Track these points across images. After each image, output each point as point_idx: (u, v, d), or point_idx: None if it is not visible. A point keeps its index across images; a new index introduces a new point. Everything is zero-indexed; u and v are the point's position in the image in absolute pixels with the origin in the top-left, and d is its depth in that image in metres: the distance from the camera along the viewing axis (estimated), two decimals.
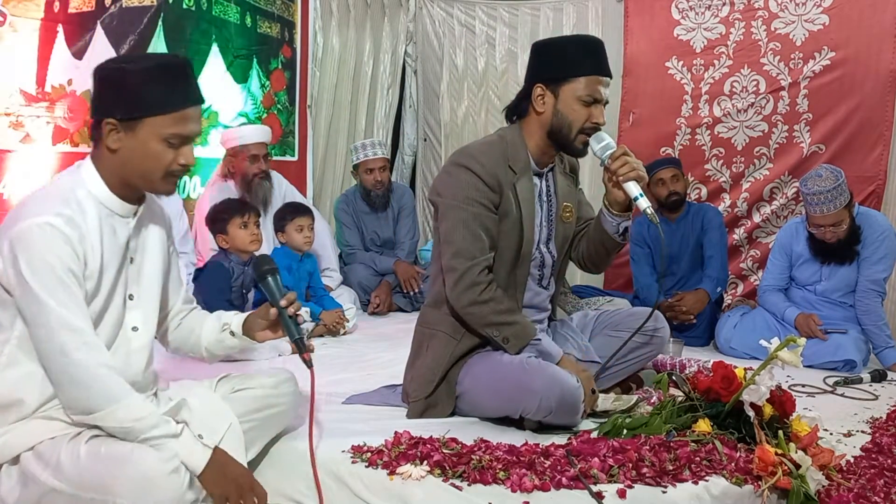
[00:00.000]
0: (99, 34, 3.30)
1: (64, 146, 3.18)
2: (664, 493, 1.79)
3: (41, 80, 3.08)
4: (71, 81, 3.18)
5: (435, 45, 5.46)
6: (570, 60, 2.26)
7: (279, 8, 4.65)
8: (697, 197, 4.59)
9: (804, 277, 3.55)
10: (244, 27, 4.34)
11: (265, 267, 1.91)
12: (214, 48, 4.10)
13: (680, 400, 2.17)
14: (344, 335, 3.67)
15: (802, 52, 4.31)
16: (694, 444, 1.97)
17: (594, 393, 2.29)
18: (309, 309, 3.56)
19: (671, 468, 1.85)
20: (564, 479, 1.80)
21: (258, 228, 3.31)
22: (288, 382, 2.03)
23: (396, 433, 2.01)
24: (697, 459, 1.90)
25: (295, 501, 1.91)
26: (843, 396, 2.90)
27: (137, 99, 1.66)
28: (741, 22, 4.44)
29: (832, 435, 2.36)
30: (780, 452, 1.92)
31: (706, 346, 3.75)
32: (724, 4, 4.48)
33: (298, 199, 4.20)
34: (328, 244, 4.29)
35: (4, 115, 2.97)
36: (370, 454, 1.92)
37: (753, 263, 4.55)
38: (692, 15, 4.56)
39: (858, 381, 3.07)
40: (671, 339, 2.89)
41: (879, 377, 3.15)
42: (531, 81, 2.32)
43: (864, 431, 2.46)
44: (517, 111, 2.37)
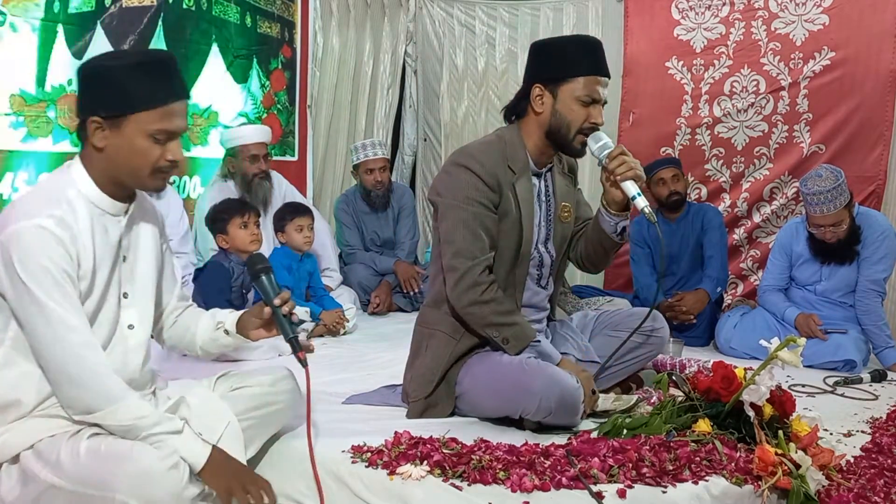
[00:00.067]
0: (99, 34, 3.30)
1: (64, 146, 3.18)
2: (664, 493, 1.79)
3: (41, 80, 3.09)
4: (71, 81, 3.18)
5: (435, 45, 5.46)
6: (568, 61, 2.26)
7: (279, 8, 4.65)
8: (697, 197, 4.59)
9: (804, 277, 3.55)
10: (244, 27, 4.33)
11: (258, 266, 1.90)
12: (214, 48, 4.10)
13: (680, 400, 2.17)
14: (344, 335, 3.67)
15: (802, 52, 4.31)
16: (694, 444, 1.97)
17: (594, 393, 2.29)
18: (309, 309, 3.56)
19: (671, 468, 1.85)
20: (564, 479, 1.79)
21: (258, 228, 3.31)
22: (286, 380, 2.02)
23: (396, 433, 2.01)
24: (697, 459, 1.90)
25: (295, 501, 1.91)
26: (843, 396, 2.90)
27: (121, 96, 1.64)
28: (741, 22, 4.44)
29: (832, 435, 2.36)
30: (780, 452, 1.92)
31: (706, 346, 3.75)
32: (724, 4, 4.48)
33: (298, 199, 4.20)
34: (328, 244, 4.29)
35: (4, 115, 2.98)
36: (370, 454, 1.92)
37: (753, 263, 4.55)
38: (692, 15, 4.56)
39: (858, 381, 3.07)
40: (671, 339, 2.89)
41: (879, 377, 3.14)
42: (529, 82, 2.32)
43: (864, 431, 2.46)
44: (516, 111, 2.37)
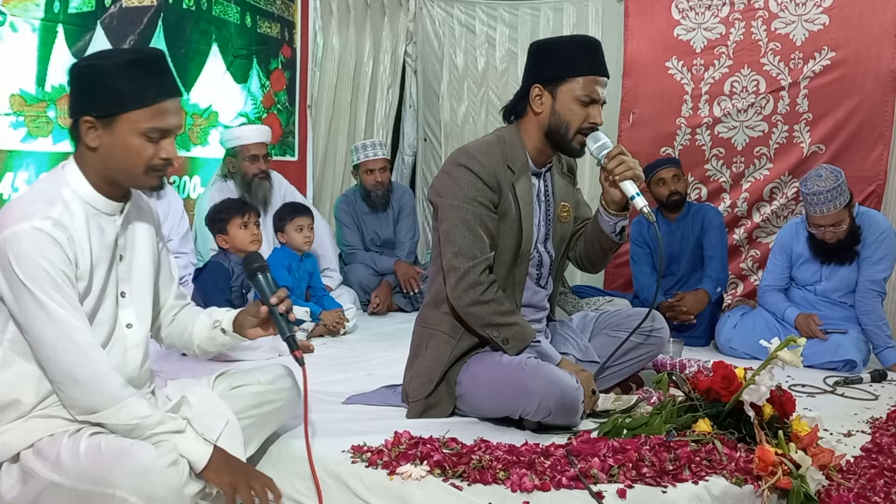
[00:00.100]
0: (99, 34, 3.30)
1: (64, 146, 3.18)
2: (664, 493, 1.79)
3: (41, 79, 3.09)
4: None
5: (435, 45, 5.46)
6: (567, 61, 2.26)
7: (279, 8, 4.64)
8: (697, 197, 4.59)
9: (804, 277, 3.55)
10: (244, 27, 4.33)
11: (255, 264, 1.89)
12: (214, 48, 4.10)
13: (680, 400, 2.17)
14: (344, 335, 3.67)
15: (802, 52, 4.31)
16: (694, 444, 1.96)
17: (594, 393, 2.29)
18: (309, 309, 3.56)
19: (671, 468, 1.85)
20: (564, 479, 1.79)
21: (258, 228, 3.31)
22: (285, 378, 2.02)
23: (396, 433, 2.01)
24: (697, 459, 1.90)
25: (295, 501, 1.91)
26: (843, 396, 2.90)
27: (112, 95, 1.64)
28: (741, 22, 4.44)
29: (832, 435, 2.36)
30: (780, 452, 1.92)
31: (706, 346, 3.76)
32: (724, 4, 4.48)
33: (298, 199, 4.20)
34: (328, 244, 4.29)
35: (4, 115, 2.98)
36: (370, 454, 1.92)
37: (753, 263, 4.55)
38: (692, 15, 4.56)
39: (858, 381, 3.07)
40: (671, 339, 2.89)
41: (879, 377, 3.14)
42: (529, 82, 2.32)
43: (864, 431, 2.46)
44: (515, 111, 2.37)
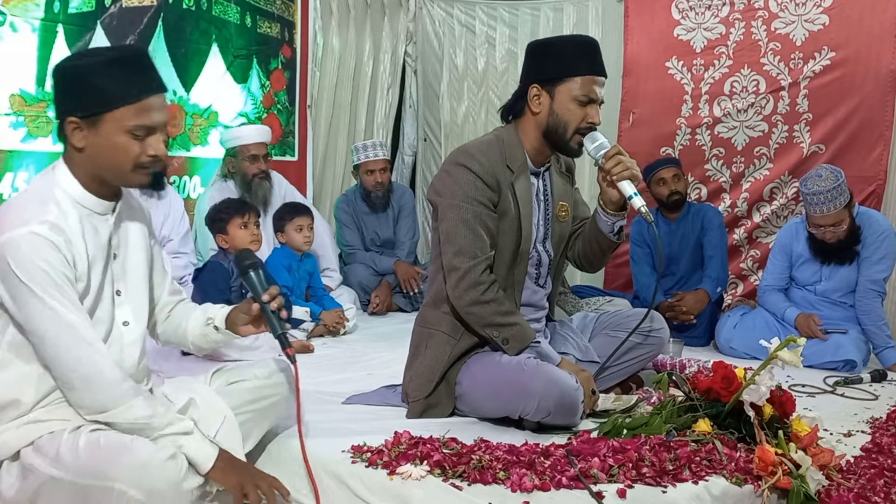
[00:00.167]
0: (99, 34, 3.30)
1: None
2: (664, 493, 1.79)
3: (41, 80, 3.08)
4: None
5: (435, 45, 5.46)
6: (565, 61, 2.26)
7: (279, 8, 4.64)
8: (697, 197, 4.59)
9: (804, 277, 3.55)
10: (244, 27, 4.33)
11: (247, 261, 1.89)
12: (214, 48, 4.10)
13: (680, 400, 2.17)
14: (344, 335, 3.68)
15: (802, 52, 4.30)
16: (694, 444, 1.96)
17: (594, 393, 2.29)
18: (309, 309, 3.56)
19: (671, 468, 1.85)
20: (564, 478, 1.79)
21: (258, 228, 3.31)
22: (282, 373, 2.02)
23: (396, 433, 2.01)
24: (697, 459, 1.90)
25: (295, 501, 1.91)
26: (843, 396, 2.90)
27: (95, 94, 1.63)
28: (741, 22, 4.44)
29: (832, 435, 2.36)
30: (780, 452, 1.92)
31: (706, 346, 3.76)
32: (724, 4, 4.48)
33: (298, 199, 4.20)
34: (328, 244, 4.29)
35: (4, 115, 2.97)
36: (370, 454, 1.92)
37: (753, 263, 4.55)
38: (692, 15, 4.56)
39: (858, 381, 3.07)
40: (671, 339, 2.89)
41: (879, 377, 3.14)
42: (527, 82, 2.32)
43: (864, 431, 2.46)
44: (513, 111, 2.37)
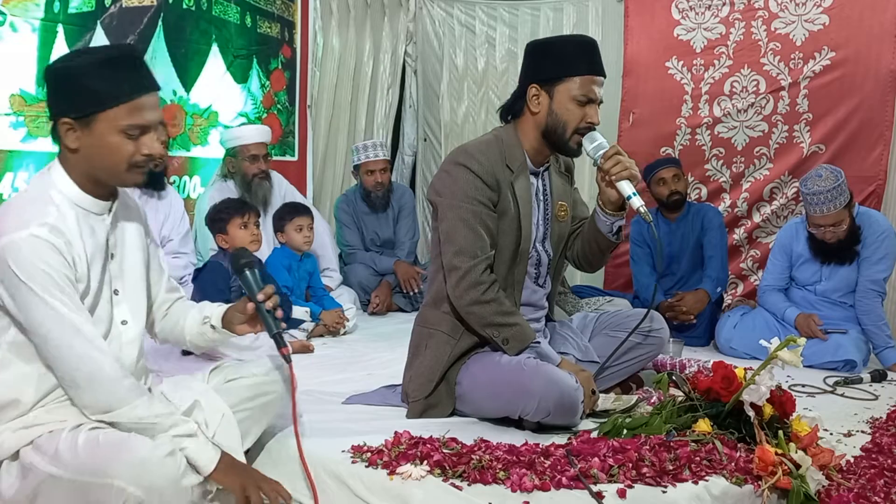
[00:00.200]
0: (99, 34, 3.30)
1: None
2: (664, 493, 1.79)
3: (41, 80, 3.08)
4: None
5: (435, 45, 5.46)
6: (564, 61, 2.26)
7: (279, 8, 4.65)
8: (697, 197, 4.59)
9: (804, 277, 3.55)
10: (244, 27, 4.33)
11: (242, 260, 1.89)
12: (214, 48, 4.10)
13: (680, 400, 2.16)
14: (344, 335, 3.68)
15: (802, 52, 4.30)
16: (694, 444, 1.96)
17: (594, 393, 2.29)
18: (309, 309, 3.56)
19: (671, 468, 1.85)
20: (564, 478, 1.79)
21: (258, 228, 3.31)
22: (279, 370, 2.01)
23: (396, 433, 2.01)
24: (697, 459, 1.90)
25: (295, 501, 1.91)
26: (843, 396, 2.90)
27: (87, 95, 1.63)
28: (741, 22, 4.44)
29: (832, 435, 2.36)
30: (780, 452, 1.92)
31: (706, 346, 3.76)
32: (724, 4, 4.48)
33: (298, 199, 4.20)
34: (328, 244, 4.29)
35: (4, 115, 2.97)
36: (370, 454, 1.91)
37: (753, 263, 4.55)
38: (692, 15, 4.56)
39: (858, 381, 3.07)
40: (671, 339, 2.89)
41: (879, 377, 3.14)
42: (525, 82, 2.32)
43: (864, 431, 2.46)
44: (512, 111, 2.37)
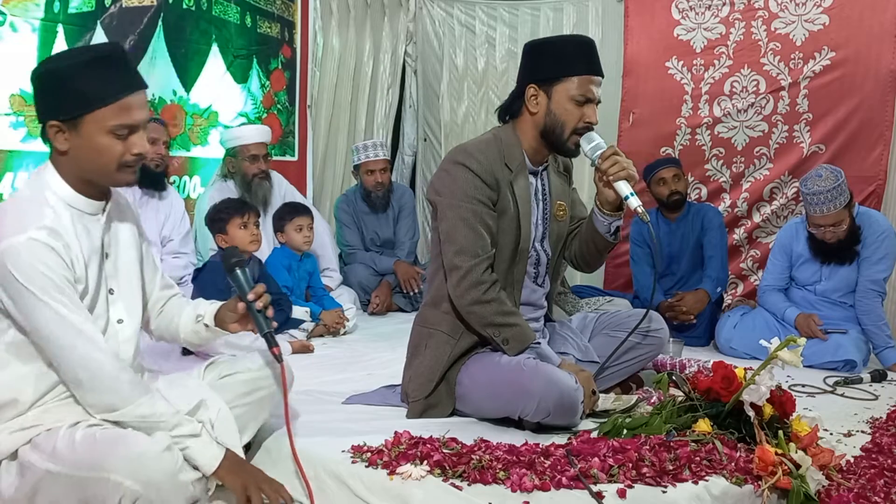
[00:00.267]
0: (99, 34, 3.30)
1: None
2: (664, 493, 1.79)
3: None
4: None
5: (435, 45, 5.46)
6: (562, 60, 2.26)
7: (279, 8, 4.65)
8: (697, 197, 4.59)
9: (804, 277, 3.55)
10: (244, 27, 4.33)
11: (233, 260, 1.89)
12: (214, 48, 4.10)
13: (680, 400, 2.16)
14: (344, 335, 3.68)
15: (802, 52, 4.30)
16: (694, 444, 1.96)
17: (594, 393, 2.29)
18: (309, 309, 3.56)
19: (671, 468, 1.85)
20: (564, 478, 1.79)
21: (258, 228, 3.31)
22: (274, 364, 2.00)
23: (396, 433, 2.01)
24: (697, 459, 1.90)
25: (296, 502, 1.91)
26: (843, 396, 2.90)
27: (74, 97, 1.62)
28: (741, 22, 4.44)
29: (832, 435, 2.36)
30: (780, 452, 1.92)
31: (706, 346, 3.76)
32: (724, 4, 4.48)
33: (298, 199, 4.20)
34: (328, 244, 4.29)
35: (4, 115, 2.97)
36: (370, 454, 1.91)
37: (753, 263, 4.55)
38: (692, 15, 4.56)
39: (858, 381, 3.07)
40: (671, 339, 2.89)
41: (879, 377, 3.14)
42: (524, 81, 2.32)
43: (864, 431, 2.46)
44: (510, 111, 2.38)
